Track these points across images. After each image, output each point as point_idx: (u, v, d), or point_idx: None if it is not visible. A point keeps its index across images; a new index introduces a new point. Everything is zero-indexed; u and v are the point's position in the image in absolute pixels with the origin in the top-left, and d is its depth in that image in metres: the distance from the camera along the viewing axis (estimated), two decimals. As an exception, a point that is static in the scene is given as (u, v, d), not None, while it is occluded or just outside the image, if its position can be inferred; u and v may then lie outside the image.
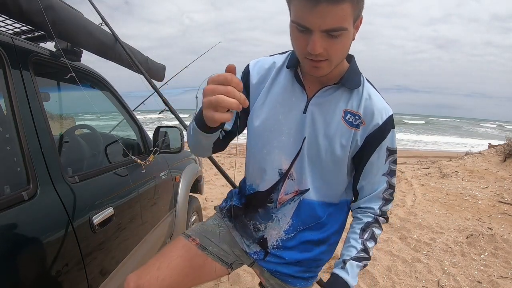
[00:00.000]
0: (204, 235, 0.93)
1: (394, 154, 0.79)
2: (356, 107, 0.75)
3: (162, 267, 0.83)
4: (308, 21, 0.59)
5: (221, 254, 0.91)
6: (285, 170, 0.79)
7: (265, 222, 0.85)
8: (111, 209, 1.04)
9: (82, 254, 0.88)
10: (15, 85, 0.80)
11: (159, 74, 2.09)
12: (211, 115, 0.55)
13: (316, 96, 0.76)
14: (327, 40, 0.61)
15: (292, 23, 0.63)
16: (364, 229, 0.80)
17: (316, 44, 0.60)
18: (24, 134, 0.78)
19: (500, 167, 5.17)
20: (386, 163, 0.78)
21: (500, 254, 2.44)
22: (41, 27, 1.04)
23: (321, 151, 0.76)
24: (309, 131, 0.76)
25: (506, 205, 3.54)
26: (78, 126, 1.72)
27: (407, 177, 4.97)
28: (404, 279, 2.11)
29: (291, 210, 0.82)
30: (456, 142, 19.39)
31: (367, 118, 0.75)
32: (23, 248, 0.70)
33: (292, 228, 0.84)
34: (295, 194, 0.81)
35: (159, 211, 1.55)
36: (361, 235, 0.79)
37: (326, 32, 0.60)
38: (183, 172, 1.94)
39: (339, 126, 0.75)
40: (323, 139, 0.76)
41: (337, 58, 0.66)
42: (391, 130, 0.77)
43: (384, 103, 0.77)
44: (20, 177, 0.78)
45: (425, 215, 3.32)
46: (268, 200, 0.82)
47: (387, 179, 0.79)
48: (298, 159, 0.78)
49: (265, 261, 0.88)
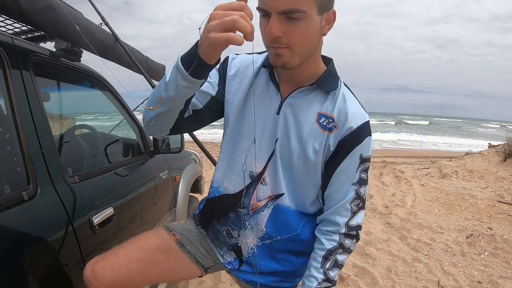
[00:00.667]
0: (184, 234, 0.90)
1: (367, 163, 0.74)
2: (330, 110, 0.73)
3: (119, 254, 0.79)
4: (265, 3, 0.59)
5: (198, 256, 0.89)
6: (257, 174, 0.76)
7: (237, 229, 0.81)
8: (111, 209, 1.04)
9: (82, 254, 0.88)
10: (15, 85, 0.80)
11: (159, 74, 2.09)
12: (222, 37, 0.52)
13: (291, 96, 0.74)
14: (286, 23, 0.60)
15: (258, 11, 0.62)
16: (326, 257, 0.73)
17: (273, 26, 0.59)
18: (24, 134, 0.78)
19: (500, 167, 5.17)
20: (357, 171, 0.73)
21: (500, 254, 2.44)
22: (41, 27, 1.04)
23: (293, 154, 0.73)
24: (282, 133, 0.74)
25: (506, 205, 3.54)
26: (78, 126, 1.72)
27: (407, 177, 4.97)
28: (404, 279, 2.11)
29: (265, 218, 0.78)
30: (462, 143, 18.81)
31: (340, 121, 0.72)
32: (23, 248, 0.70)
33: (267, 236, 0.79)
34: (269, 199, 0.77)
35: (159, 211, 1.55)
36: (323, 264, 0.73)
37: (283, 13, 0.59)
38: (183, 172, 1.94)
39: (312, 129, 0.72)
40: (295, 142, 0.73)
41: (299, 45, 0.63)
42: (367, 137, 0.72)
43: (360, 109, 0.74)
44: (20, 177, 0.78)
45: (425, 215, 3.33)
46: (239, 205, 0.78)
47: (355, 188, 0.74)
48: (272, 162, 0.75)
49: (240, 271, 0.84)
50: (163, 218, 1.60)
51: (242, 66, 0.80)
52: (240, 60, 0.81)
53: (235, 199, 0.79)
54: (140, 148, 1.55)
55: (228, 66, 0.80)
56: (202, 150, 1.69)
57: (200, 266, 0.89)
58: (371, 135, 0.74)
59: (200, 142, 1.73)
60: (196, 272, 0.89)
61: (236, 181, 0.79)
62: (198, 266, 0.89)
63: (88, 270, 0.78)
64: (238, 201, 0.78)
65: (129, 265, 0.78)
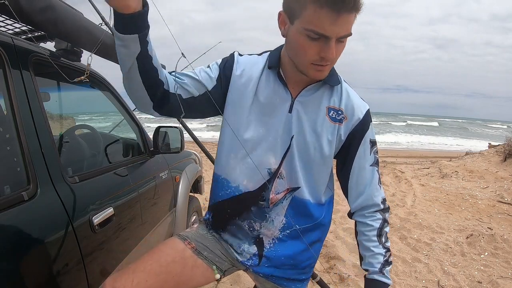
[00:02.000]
0: (199, 241, 0.91)
1: (376, 145, 0.85)
2: (337, 103, 0.80)
3: (137, 270, 0.79)
4: (329, 30, 0.63)
5: (215, 260, 0.90)
6: (274, 170, 0.81)
7: (259, 221, 0.85)
8: (111, 209, 1.04)
9: (82, 254, 0.88)
10: (15, 85, 0.80)
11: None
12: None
13: (300, 95, 0.79)
14: (336, 45, 0.66)
15: (305, 30, 0.64)
16: (379, 235, 0.84)
17: (333, 50, 0.65)
18: (24, 134, 0.78)
19: (500, 167, 5.17)
20: (371, 154, 0.83)
21: (500, 254, 2.44)
22: (41, 27, 1.04)
23: (310, 148, 0.79)
24: (297, 130, 0.79)
25: (506, 205, 3.54)
26: (78, 126, 1.72)
27: (407, 177, 4.97)
28: (404, 279, 2.11)
29: (284, 209, 0.83)
30: (476, 145, 17.65)
31: (348, 113, 0.80)
32: (23, 248, 0.70)
33: (287, 225, 0.85)
34: (286, 192, 0.82)
35: (159, 211, 1.55)
36: (380, 241, 0.84)
37: (340, 38, 0.65)
38: (183, 172, 1.94)
39: (325, 123, 0.79)
40: (310, 136, 0.79)
41: (337, 60, 0.71)
42: (370, 123, 0.83)
43: (361, 100, 0.84)
44: (20, 177, 0.78)
45: (425, 215, 3.33)
46: (260, 198, 0.83)
47: (376, 168, 0.84)
48: (287, 157, 0.80)
49: (260, 267, 0.88)
50: (163, 218, 1.60)
51: (248, 66, 0.82)
52: (245, 60, 0.83)
53: (256, 195, 0.83)
54: (140, 148, 1.55)
55: (234, 65, 0.82)
56: (202, 150, 1.68)
57: (218, 270, 0.90)
58: (372, 120, 0.85)
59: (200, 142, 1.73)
60: (213, 276, 0.90)
61: (255, 179, 0.82)
62: (217, 270, 0.90)
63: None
64: (259, 196, 0.83)
65: (148, 280, 0.78)
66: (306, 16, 0.63)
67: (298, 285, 0.91)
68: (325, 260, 2.34)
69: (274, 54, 0.81)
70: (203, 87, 0.79)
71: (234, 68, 0.81)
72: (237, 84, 0.81)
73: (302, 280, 0.91)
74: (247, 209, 0.85)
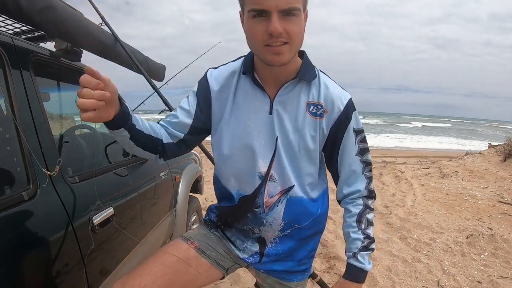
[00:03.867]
0: (201, 240, 0.92)
1: (361, 133, 0.83)
2: (316, 97, 0.80)
3: (144, 273, 0.81)
4: (265, 3, 0.63)
5: (218, 258, 0.91)
6: (264, 173, 0.81)
7: (257, 227, 0.86)
8: (111, 209, 1.04)
9: (82, 254, 0.88)
10: (15, 85, 0.80)
11: (159, 74, 2.08)
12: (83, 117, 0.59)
13: (278, 95, 0.79)
14: (284, 21, 0.65)
15: (248, 12, 0.66)
16: (359, 221, 0.84)
17: (277, 23, 0.64)
18: (24, 134, 0.78)
19: (500, 167, 5.17)
20: (356, 143, 0.83)
21: (500, 254, 2.44)
22: (41, 27, 1.04)
23: (294, 146, 0.79)
24: (279, 130, 0.79)
25: (506, 205, 3.54)
26: (78, 126, 1.72)
27: (407, 177, 4.97)
28: (404, 279, 2.11)
29: (280, 212, 0.84)
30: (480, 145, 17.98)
31: (328, 106, 0.79)
32: (23, 248, 0.70)
33: (287, 226, 0.86)
34: (280, 194, 0.82)
35: (159, 211, 1.55)
36: (359, 227, 0.84)
37: (283, 12, 0.64)
38: (183, 172, 1.94)
39: (306, 119, 0.79)
40: (293, 134, 0.79)
41: (296, 40, 0.69)
42: (353, 113, 0.82)
43: (341, 89, 0.82)
44: (20, 177, 0.78)
45: (425, 215, 3.32)
46: (254, 205, 0.83)
47: (359, 158, 0.84)
48: (275, 159, 0.80)
49: (261, 263, 0.89)
50: (163, 218, 1.60)
51: (223, 79, 0.84)
52: (217, 74, 0.84)
53: (251, 199, 0.84)
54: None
55: (210, 84, 0.84)
56: (202, 150, 1.68)
57: (221, 268, 0.92)
58: (355, 109, 0.83)
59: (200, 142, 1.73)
60: (218, 275, 0.92)
61: (250, 183, 0.83)
62: (219, 269, 0.91)
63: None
64: (253, 201, 0.83)
65: (155, 282, 0.80)
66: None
67: (299, 277, 0.92)
68: (325, 260, 2.34)
69: (248, 59, 0.81)
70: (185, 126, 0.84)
71: (210, 86, 0.83)
72: (218, 98, 0.83)
73: (302, 271, 0.92)
74: (244, 216, 0.86)
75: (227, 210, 0.90)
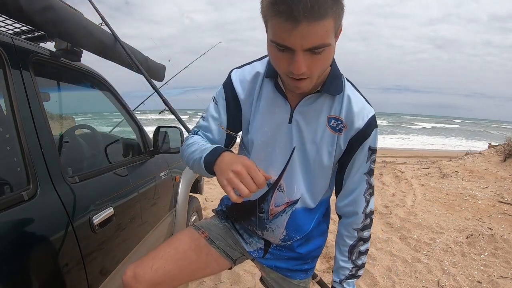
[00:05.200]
0: (212, 230, 0.96)
1: (375, 153, 0.80)
2: (338, 112, 0.75)
3: (156, 257, 0.85)
4: (290, 41, 0.56)
5: (227, 249, 0.94)
6: (273, 181, 0.80)
7: (261, 230, 0.88)
8: (111, 209, 1.04)
9: (82, 254, 0.88)
10: (15, 85, 0.80)
11: (159, 74, 2.09)
12: (226, 190, 0.61)
13: (300, 105, 0.75)
14: (310, 58, 0.59)
15: (271, 43, 0.60)
16: (350, 252, 0.85)
17: (301, 64, 0.58)
18: (24, 134, 0.78)
19: (500, 167, 5.17)
20: (367, 162, 0.79)
21: (500, 254, 2.44)
22: (41, 27, 1.04)
23: (309, 159, 0.77)
24: (298, 141, 0.77)
25: (506, 205, 3.54)
26: (78, 126, 1.72)
27: (407, 177, 4.97)
28: (404, 279, 2.11)
29: (284, 222, 0.84)
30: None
31: (348, 122, 0.75)
32: (23, 248, 0.70)
33: (288, 237, 0.87)
34: (286, 206, 0.82)
35: (159, 211, 1.55)
36: (349, 257, 0.86)
37: (309, 50, 0.57)
38: (183, 172, 1.94)
39: (325, 133, 0.76)
40: (310, 146, 0.77)
41: (318, 73, 0.64)
42: (374, 130, 0.77)
43: (365, 104, 0.77)
44: (20, 177, 0.78)
45: (425, 215, 3.32)
46: (259, 210, 0.84)
47: (366, 178, 0.81)
48: (288, 169, 0.79)
49: (265, 259, 0.93)
50: (163, 218, 1.60)
51: (247, 83, 0.80)
52: (242, 78, 0.81)
53: (255, 205, 0.83)
54: (140, 148, 1.55)
55: (236, 90, 0.81)
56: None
57: (229, 258, 0.95)
58: (377, 127, 0.78)
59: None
60: (226, 265, 0.95)
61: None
62: (228, 259, 0.94)
63: (127, 274, 0.83)
64: (258, 207, 0.84)
65: (166, 266, 0.84)
66: (270, 27, 0.59)
67: (302, 275, 0.93)
68: (325, 260, 2.34)
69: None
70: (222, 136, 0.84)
71: (237, 94, 0.81)
72: (246, 103, 0.81)
73: (305, 270, 0.94)
74: (248, 218, 0.88)
75: (232, 206, 0.93)
